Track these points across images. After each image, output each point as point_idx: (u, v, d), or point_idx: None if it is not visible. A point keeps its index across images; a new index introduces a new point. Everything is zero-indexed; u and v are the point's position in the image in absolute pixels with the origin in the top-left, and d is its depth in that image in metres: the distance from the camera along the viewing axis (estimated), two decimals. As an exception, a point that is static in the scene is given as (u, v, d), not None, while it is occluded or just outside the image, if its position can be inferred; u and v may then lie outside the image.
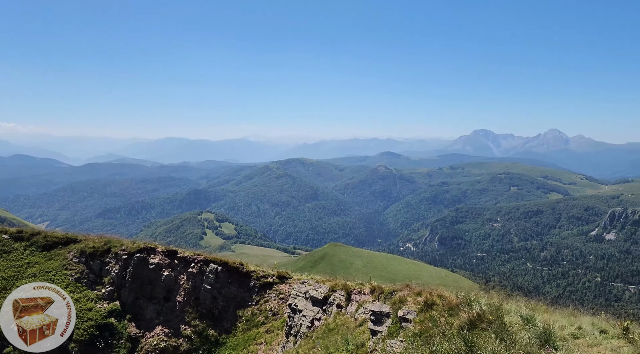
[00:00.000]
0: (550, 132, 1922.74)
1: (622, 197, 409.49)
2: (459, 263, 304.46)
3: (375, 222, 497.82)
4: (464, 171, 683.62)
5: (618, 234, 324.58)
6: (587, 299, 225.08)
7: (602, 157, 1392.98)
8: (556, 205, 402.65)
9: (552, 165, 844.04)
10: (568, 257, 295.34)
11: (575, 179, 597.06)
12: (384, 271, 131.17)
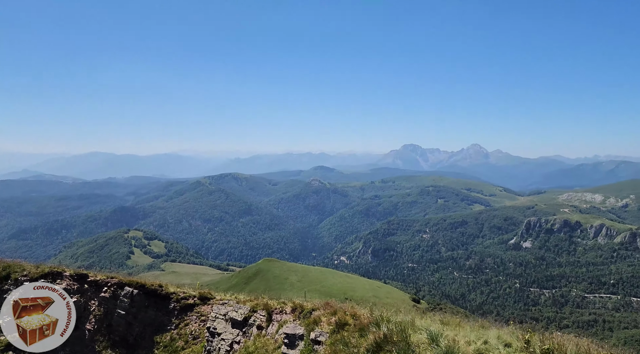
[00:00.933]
0: (472, 147, 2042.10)
1: (537, 207, 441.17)
2: (391, 274, 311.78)
3: (309, 236, 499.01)
4: (395, 184, 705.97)
5: (534, 242, 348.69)
6: (508, 305, 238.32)
7: (519, 170, 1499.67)
8: (479, 215, 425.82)
9: (475, 178, 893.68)
10: (490, 265, 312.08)
11: (495, 191, 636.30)
12: (318, 285, 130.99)
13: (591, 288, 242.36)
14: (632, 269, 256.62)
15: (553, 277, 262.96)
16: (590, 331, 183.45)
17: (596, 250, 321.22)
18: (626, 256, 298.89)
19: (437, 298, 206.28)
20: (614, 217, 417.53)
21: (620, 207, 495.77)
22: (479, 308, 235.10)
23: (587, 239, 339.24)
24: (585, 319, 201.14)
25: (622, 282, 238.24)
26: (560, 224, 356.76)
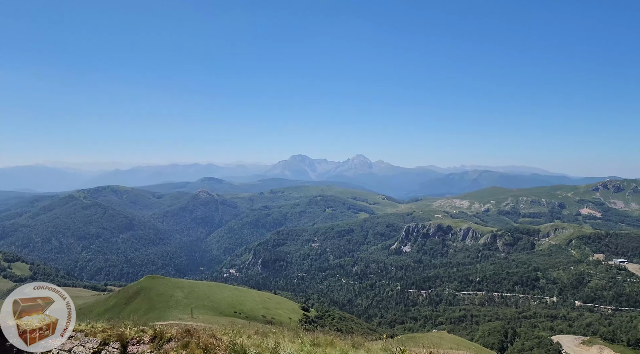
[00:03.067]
0: (357, 157, 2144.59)
1: (415, 214, 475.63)
2: (281, 285, 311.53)
3: (197, 250, 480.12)
4: (284, 194, 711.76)
5: (412, 246, 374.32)
6: (390, 307, 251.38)
7: (399, 179, 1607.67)
8: (364, 223, 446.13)
9: (360, 187, 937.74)
10: (375, 270, 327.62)
11: (378, 199, 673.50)
12: (206, 301, 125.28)
13: (461, 286, 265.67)
14: (493, 267, 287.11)
15: (429, 278, 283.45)
16: (461, 326, 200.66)
17: (464, 251, 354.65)
18: (489, 255, 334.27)
19: (325, 305, 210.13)
20: (479, 221, 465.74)
21: (483, 211, 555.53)
22: (364, 311, 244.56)
23: (457, 241, 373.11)
24: (456, 315, 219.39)
25: (486, 279, 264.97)
26: (434, 228, 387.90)
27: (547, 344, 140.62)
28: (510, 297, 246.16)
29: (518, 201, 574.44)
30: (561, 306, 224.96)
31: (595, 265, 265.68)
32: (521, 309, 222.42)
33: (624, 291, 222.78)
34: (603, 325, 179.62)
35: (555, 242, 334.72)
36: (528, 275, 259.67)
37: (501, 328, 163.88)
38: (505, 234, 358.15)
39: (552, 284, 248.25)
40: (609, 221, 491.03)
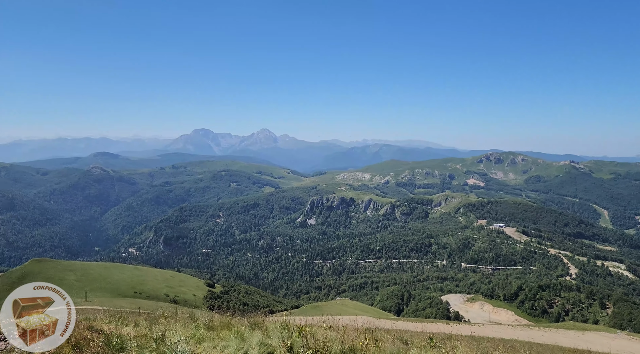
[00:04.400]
0: (262, 132, 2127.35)
1: (319, 187, 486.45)
2: (185, 262, 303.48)
3: (91, 230, 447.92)
4: (187, 170, 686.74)
5: (317, 219, 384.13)
6: (296, 278, 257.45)
7: (304, 154, 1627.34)
8: (269, 197, 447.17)
9: (265, 162, 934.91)
10: (281, 243, 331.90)
11: (283, 173, 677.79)
12: (103, 282, 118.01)
13: (363, 255, 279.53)
14: (392, 236, 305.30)
15: (333, 249, 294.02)
16: (362, 292, 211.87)
17: (366, 222, 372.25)
18: (388, 225, 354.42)
19: (232, 280, 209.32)
20: (379, 192, 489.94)
21: (383, 184, 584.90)
22: (271, 284, 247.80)
23: (359, 213, 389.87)
24: (358, 282, 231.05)
25: (385, 247, 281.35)
26: (338, 201, 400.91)
27: (438, 303, 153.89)
28: (407, 263, 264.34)
29: (414, 173, 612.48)
30: (450, 268, 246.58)
31: (479, 230, 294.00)
32: (416, 274, 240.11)
33: (501, 252, 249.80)
34: (484, 283, 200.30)
35: (446, 210, 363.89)
36: (422, 242, 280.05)
37: (398, 292, 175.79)
38: (403, 204, 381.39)
39: (442, 249, 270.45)
40: (491, 190, 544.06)
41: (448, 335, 18.95)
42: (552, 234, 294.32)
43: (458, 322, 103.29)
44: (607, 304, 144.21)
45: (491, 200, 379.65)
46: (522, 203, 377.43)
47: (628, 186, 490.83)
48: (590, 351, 33.09)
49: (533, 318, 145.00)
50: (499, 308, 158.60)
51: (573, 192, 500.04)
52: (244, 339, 9.03)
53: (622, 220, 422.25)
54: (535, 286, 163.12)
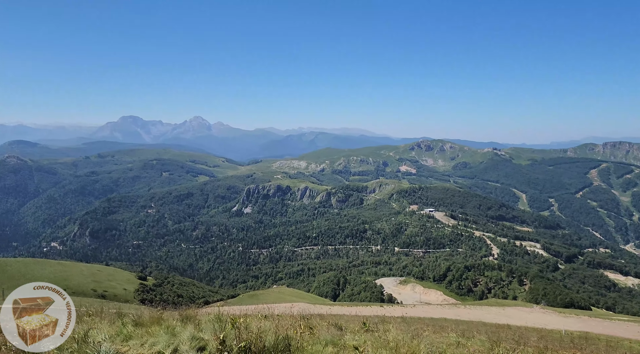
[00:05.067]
0: (195, 119, 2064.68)
1: (255, 176, 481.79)
2: (114, 255, 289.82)
3: (8, 224, 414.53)
4: (115, 159, 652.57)
5: (253, 207, 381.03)
6: (232, 268, 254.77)
7: (239, 142, 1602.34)
8: (204, 186, 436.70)
9: (199, 150, 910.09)
10: (216, 233, 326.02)
11: (218, 162, 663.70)
12: (22, 280, 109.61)
13: (299, 242, 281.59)
14: (328, 223, 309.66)
15: (270, 237, 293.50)
16: (299, 279, 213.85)
17: (302, 210, 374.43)
18: (324, 212, 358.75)
19: (165, 272, 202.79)
20: (315, 180, 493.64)
21: (319, 171, 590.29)
22: (207, 274, 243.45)
23: (295, 201, 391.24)
24: (295, 270, 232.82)
25: (322, 234, 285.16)
26: (274, 189, 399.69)
27: (372, 287, 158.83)
28: (343, 249, 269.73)
29: (349, 160, 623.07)
30: (384, 253, 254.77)
31: (411, 215, 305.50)
32: (351, 259, 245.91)
33: (431, 236, 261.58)
34: (415, 266, 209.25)
35: (380, 197, 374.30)
36: (357, 228, 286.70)
37: (334, 278, 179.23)
38: (339, 192, 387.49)
39: (377, 234, 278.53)
40: (422, 176, 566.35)
41: (381, 318, 19.60)
42: (477, 217, 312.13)
43: (391, 304, 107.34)
44: (524, 281, 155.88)
45: (422, 186, 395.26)
46: (450, 188, 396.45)
47: (543, 171, 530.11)
48: (509, 325, 35.71)
49: (460, 297, 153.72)
50: (429, 289, 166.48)
51: (495, 177, 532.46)
52: (174, 335, 8.75)
53: (538, 203, 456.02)
54: (461, 267, 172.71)
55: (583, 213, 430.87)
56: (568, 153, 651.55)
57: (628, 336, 51.47)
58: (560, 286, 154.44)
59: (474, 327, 23.45)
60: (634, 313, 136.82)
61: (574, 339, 21.90)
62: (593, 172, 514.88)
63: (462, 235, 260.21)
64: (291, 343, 8.66)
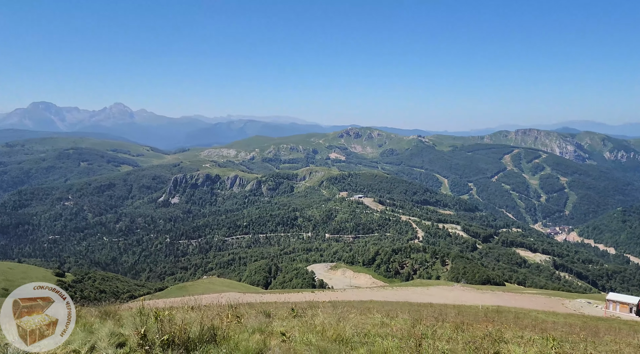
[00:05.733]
0: (115, 106, 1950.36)
1: (182, 165, 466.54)
2: (27, 252, 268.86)
3: None
4: (25, 148, 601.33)
5: (181, 197, 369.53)
6: (160, 260, 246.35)
7: (164, 130, 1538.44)
8: (127, 176, 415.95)
9: (121, 138, 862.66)
10: (142, 225, 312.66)
11: (142, 151, 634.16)
12: None
13: (230, 232, 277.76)
14: (258, 211, 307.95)
15: (199, 227, 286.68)
16: (230, 269, 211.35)
17: (232, 198, 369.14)
18: (255, 200, 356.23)
19: (85, 268, 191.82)
20: (245, 169, 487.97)
21: (249, 159, 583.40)
22: (132, 268, 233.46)
23: (225, 189, 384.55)
24: (225, 259, 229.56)
25: (252, 223, 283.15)
26: (203, 178, 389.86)
27: (304, 273, 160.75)
28: (274, 237, 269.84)
29: (279, 148, 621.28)
30: (315, 239, 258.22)
31: (341, 201, 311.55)
32: (283, 247, 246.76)
33: (361, 221, 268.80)
34: (346, 251, 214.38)
35: (310, 184, 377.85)
36: (288, 216, 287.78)
37: (266, 266, 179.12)
38: (269, 180, 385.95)
39: (307, 221, 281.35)
40: (351, 163, 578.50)
41: (310, 304, 19.96)
42: (403, 202, 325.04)
43: (322, 289, 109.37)
44: (446, 262, 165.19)
45: (351, 173, 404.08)
46: (378, 175, 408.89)
47: (463, 157, 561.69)
48: (431, 303, 37.84)
49: (388, 279, 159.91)
50: (359, 273, 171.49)
51: (420, 163, 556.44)
52: (92, 332, 8.34)
53: (458, 187, 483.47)
54: (389, 251, 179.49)
55: (498, 195, 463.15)
56: (485, 140, 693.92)
57: (535, 307, 56.38)
58: (478, 265, 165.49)
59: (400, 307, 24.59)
60: (541, 286, 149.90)
61: (488, 313, 23.71)
62: (507, 157, 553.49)
63: (389, 219, 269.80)
64: (217, 332, 8.58)
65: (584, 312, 63.06)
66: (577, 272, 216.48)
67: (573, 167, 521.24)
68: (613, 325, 28.24)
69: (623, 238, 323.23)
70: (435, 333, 11.53)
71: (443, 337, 11.11)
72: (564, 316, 39.46)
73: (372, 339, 10.25)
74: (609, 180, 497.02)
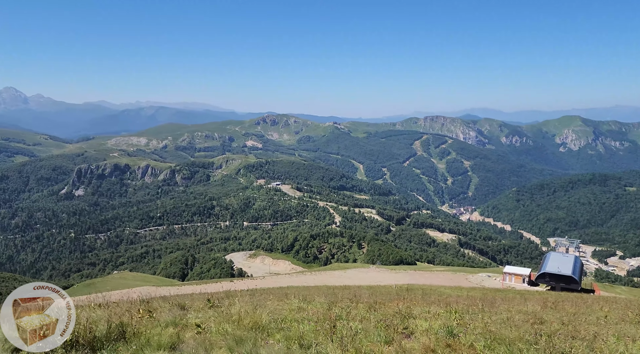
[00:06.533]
0: (6, 90, 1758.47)
1: (87, 154, 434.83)
2: None
3: None
4: None
5: (86, 189, 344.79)
6: (64, 257, 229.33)
7: (65, 117, 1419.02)
8: (23, 168, 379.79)
9: (14, 126, 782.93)
10: (42, 219, 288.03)
11: (40, 140, 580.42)
12: None
13: (142, 224, 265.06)
14: (173, 201, 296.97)
15: (108, 220, 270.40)
16: (144, 262, 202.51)
17: (144, 189, 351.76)
18: (169, 190, 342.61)
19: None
20: (157, 157, 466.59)
21: (162, 148, 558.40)
22: (31, 267, 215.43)
23: (136, 180, 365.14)
24: (138, 253, 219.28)
25: (167, 214, 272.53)
26: (111, 168, 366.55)
27: (222, 263, 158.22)
28: (190, 227, 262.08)
29: (194, 136, 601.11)
30: (233, 228, 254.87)
31: (259, 189, 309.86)
32: (200, 237, 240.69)
33: (279, 208, 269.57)
34: (264, 239, 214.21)
35: (227, 172, 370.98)
36: (205, 205, 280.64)
37: (182, 257, 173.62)
38: (184, 169, 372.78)
39: (225, 210, 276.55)
40: (268, 150, 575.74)
41: (227, 293, 19.77)
42: (321, 188, 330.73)
43: (242, 278, 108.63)
44: (363, 245, 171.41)
45: (269, 160, 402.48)
46: (296, 161, 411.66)
47: (377, 143, 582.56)
48: (349, 285, 39.17)
49: (307, 265, 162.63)
50: (278, 259, 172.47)
51: (336, 150, 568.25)
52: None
53: (373, 172, 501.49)
54: (307, 236, 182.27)
55: (409, 179, 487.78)
56: (397, 126, 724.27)
57: (443, 283, 60.56)
58: (392, 246, 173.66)
59: (318, 291, 25.17)
60: (447, 264, 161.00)
61: (399, 292, 25.12)
62: (417, 142, 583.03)
63: (307, 206, 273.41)
64: (126, 329, 8.23)
65: (484, 285, 68.84)
66: (479, 249, 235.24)
67: (475, 152, 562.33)
68: (508, 295, 31.17)
69: (517, 215, 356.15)
70: (349, 314, 11.98)
71: (357, 317, 11.58)
72: (467, 289, 42.82)
73: (289, 325, 10.42)
74: (505, 163, 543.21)
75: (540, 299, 20.56)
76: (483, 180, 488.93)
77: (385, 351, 8.69)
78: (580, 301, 21.70)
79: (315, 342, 8.80)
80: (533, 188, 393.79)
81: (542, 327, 11.38)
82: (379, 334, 9.58)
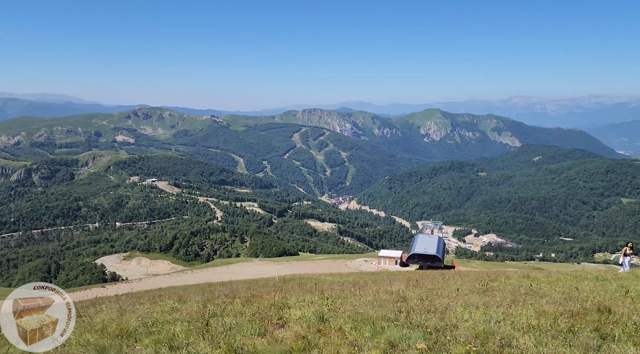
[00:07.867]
0: None
1: None
2: None
3: None
4: None
5: None
6: None
7: None
8: None
9: None
10: None
11: None
12: None
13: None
14: (30, 204, 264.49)
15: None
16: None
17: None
18: (24, 192, 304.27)
19: None
20: (8, 155, 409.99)
21: (13, 145, 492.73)
22: None
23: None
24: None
25: (23, 218, 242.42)
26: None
27: (92, 268, 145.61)
28: (52, 231, 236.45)
29: (53, 131, 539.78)
30: (103, 230, 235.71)
31: (132, 186, 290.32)
32: (64, 242, 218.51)
33: (156, 206, 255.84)
34: (140, 239, 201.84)
35: (95, 170, 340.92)
36: (69, 206, 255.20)
37: (43, 265, 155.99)
38: (42, 167, 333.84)
39: (94, 211, 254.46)
40: (142, 146, 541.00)
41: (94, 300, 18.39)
42: (200, 184, 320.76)
43: (115, 282, 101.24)
44: (245, 238, 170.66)
45: (142, 156, 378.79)
46: (172, 157, 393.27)
47: (257, 136, 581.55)
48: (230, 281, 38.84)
49: (188, 263, 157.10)
50: (156, 260, 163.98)
51: (215, 144, 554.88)
52: None
53: (254, 165, 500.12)
54: (187, 234, 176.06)
55: (290, 172, 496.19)
56: (276, 119, 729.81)
57: (324, 271, 63.03)
58: (274, 239, 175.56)
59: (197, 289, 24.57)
60: (328, 252, 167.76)
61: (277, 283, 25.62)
62: (296, 135, 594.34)
63: (186, 202, 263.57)
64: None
65: (362, 270, 73.17)
66: (357, 235, 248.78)
67: (351, 143, 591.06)
68: (381, 277, 33.54)
69: (390, 202, 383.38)
70: (224, 310, 11.97)
71: (232, 313, 11.62)
72: (346, 275, 45.14)
73: (160, 327, 10.11)
74: (378, 153, 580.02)
75: (404, 279, 22.50)
76: (359, 170, 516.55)
77: (257, 343, 8.89)
78: (439, 277, 24.20)
79: (187, 342, 8.69)
80: (403, 176, 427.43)
81: (403, 304, 12.51)
82: (253, 327, 9.76)
